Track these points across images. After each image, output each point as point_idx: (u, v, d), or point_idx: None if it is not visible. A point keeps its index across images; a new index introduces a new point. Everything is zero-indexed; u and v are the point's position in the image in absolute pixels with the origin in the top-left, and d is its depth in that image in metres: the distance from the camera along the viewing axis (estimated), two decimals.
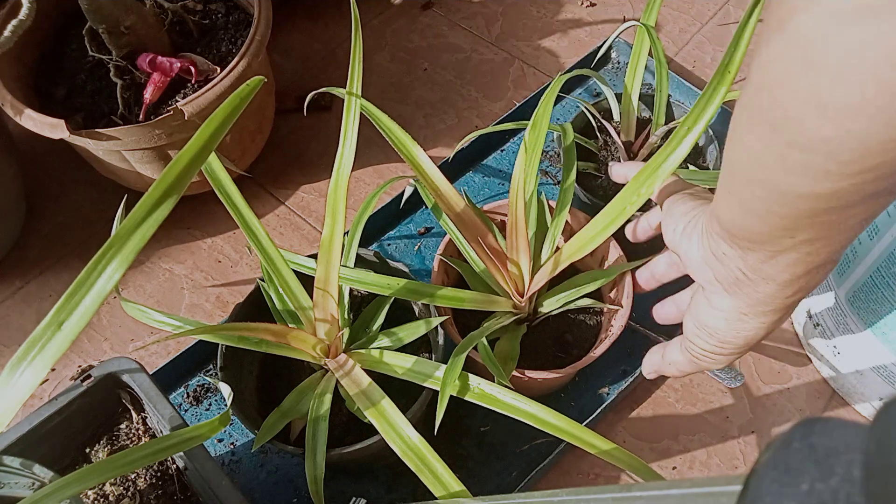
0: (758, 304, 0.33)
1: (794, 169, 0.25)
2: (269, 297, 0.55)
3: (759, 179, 0.28)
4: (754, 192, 0.28)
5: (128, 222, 0.31)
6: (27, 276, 0.76)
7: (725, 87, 0.39)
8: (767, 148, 0.26)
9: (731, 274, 0.33)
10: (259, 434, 0.49)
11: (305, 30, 0.96)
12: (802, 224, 0.28)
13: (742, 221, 0.30)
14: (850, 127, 0.22)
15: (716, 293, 0.35)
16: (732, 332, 0.35)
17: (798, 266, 0.30)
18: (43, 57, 0.73)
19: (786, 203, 0.27)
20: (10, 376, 0.30)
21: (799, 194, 0.26)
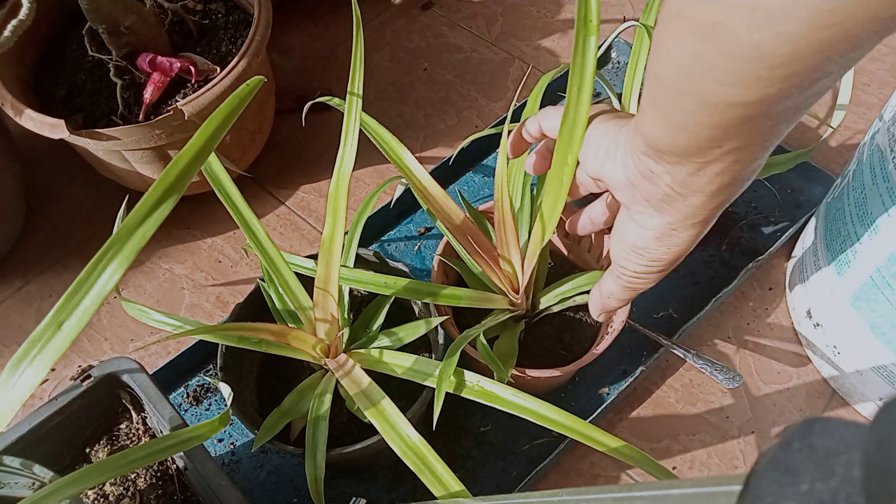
0: (687, 218, 0.34)
1: (724, 78, 0.26)
2: (269, 297, 0.55)
3: (688, 92, 0.28)
4: (683, 106, 0.28)
5: (128, 222, 0.31)
6: (27, 276, 0.76)
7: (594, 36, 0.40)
8: (697, 58, 0.26)
9: (660, 191, 0.33)
10: (259, 434, 0.49)
11: (305, 30, 0.96)
12: (730, 133, 0.28)
13: (671, 137, 0.30)
14: (780, 30, 0.23)
15: (644, 213, 0.35)
16: (663, 248, 0.36)
17: (725, 175, 0.31)
18: (43, 57, 0.73)
19: (715, 114, 0.27)
20: (10, 376, 0.30)
21: (728, 103, 0.26)
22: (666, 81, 0.29)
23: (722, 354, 0.67)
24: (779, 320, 0.69)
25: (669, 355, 0.66)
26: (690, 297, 0.69)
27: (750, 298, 0.70)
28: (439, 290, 0.51)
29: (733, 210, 0.75)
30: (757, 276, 0.71)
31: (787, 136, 0.86)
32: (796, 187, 0.76)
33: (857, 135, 0.81)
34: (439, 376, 0.45)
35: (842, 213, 0.57)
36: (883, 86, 0.85)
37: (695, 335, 0.68)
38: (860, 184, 0.54)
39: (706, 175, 0.31)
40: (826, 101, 0.84)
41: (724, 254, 0.72)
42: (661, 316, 0.69)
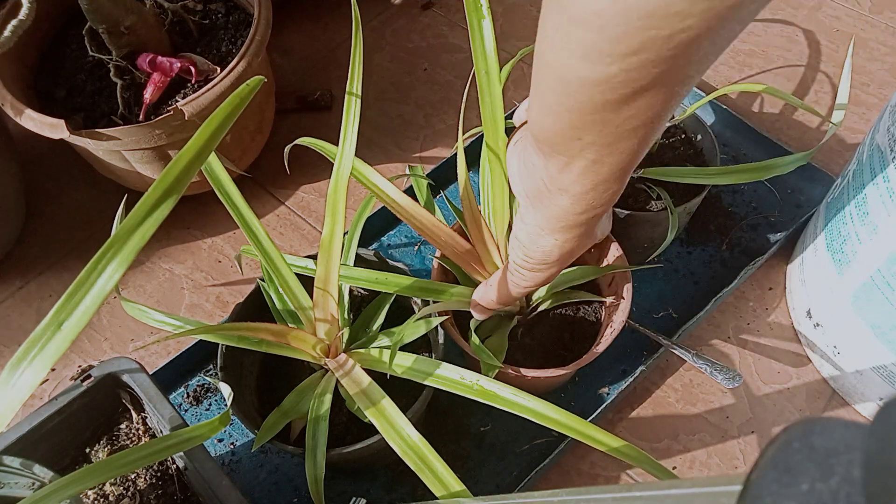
0: (553, 220, 0.36)
1: (574, 50, 0.27)
2: (269, 296, 0.55)
3: (549, 65, 0.29)
4: (547, 82, 0.30)
5: (128, 222, 0.31)
6: (27, 276, 0.76)
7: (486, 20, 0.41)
8: (556, 28, 0.28)
9: (536, 185, 0.35)
10: (259, 434, 0.49)
11: (305, 30, 0.96)
12: (586, 122, 0.30)
13: (541, 120, 0.32)
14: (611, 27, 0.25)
15: (525, 207, 0.38)
16: (533, 245, 0.38)
17: (586, 177, 0.33)
18: (43, 57, 0.73)
19: (570, 93, 0.29)
20: (10, 376, 0.30)
21: (580, 80, 0.28)
22: (539, 58, 0.31)
23: (722, 354, 0.67)
24: (779, 320, 0.69)
25: (669, 355, 0.66)
26: (690, 297, 0.70)
27: (750, 298, 0.70)
28: (432, 288, 0.51)
29: (733, 210, 0.75)
30: (757, 276, 0.71)
31: (787, 135, 0.86)
32: (796, 187, 0.76)
33: (857, 135, 0.81)
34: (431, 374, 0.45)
35: (842, 213, 0.57)
36: (883, 86, 0.85)
37: (695, 335, 0.68)
38: (860, 184, 0.54)
39: (571, 173, 0.33)
40: (826, 102, 0.84)
41: (724, 254, 0.72)
42: (661, 316, 0.69)
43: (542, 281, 0.42)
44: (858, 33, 0.90)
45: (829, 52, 0.89)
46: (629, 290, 0.55)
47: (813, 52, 0.89)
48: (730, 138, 0.80)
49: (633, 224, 0.63)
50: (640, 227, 0.64)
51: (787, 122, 0.82)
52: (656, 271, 0.71)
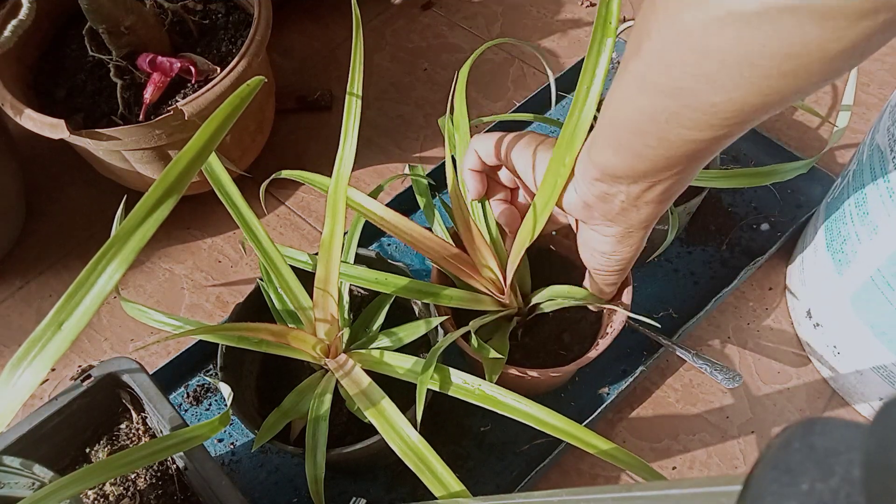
0: (641, 223, 0.40)
1: (684, 124, 0.32)
2: (269, 296, 0.55)
3: (650, 132, 0.33)
4: (645, 142, 0.34)
5: (128, 222, 0.31)
6: (27, 276, 0.76)
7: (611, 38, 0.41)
8: (662, 110, 0.32)
9: (616, 208, 0.39)
10: (259, 434, 0.49)
11: (305, 30, 0.96)
12: (683, 161, 0.35)
13: (629, 165, 0.36)
14: (731, 96, 0.29)
15: (601, 225, 0.42)
16: (625, 248, 0.43)
17: (671, 190, 0.38)
18: (43, 57, 0.73)
19: (672, 148, 0.33)
20: (10, 376, 0.30)
21: (685, 140, 0.33)
22: (628, 124, 0.34)
23: (722, 354, 0.67)
24: (779, 320, 0.69)
25: (669, 355, 0.66)
26: (690, 297, 0.69)
27: (750, 298, 0.70)
28: (431, 290, 0.51)
29: (733, 210, 0.75)
30: (757, 276, 0.71)
31: (787, 135, 0.86)
32: (796, 187, 0.76)
33: (857, 135, 0.81)
34: (421, 374, 0.45)
35: (842, 213, 0.57)
36: (883, 86, 0.85)
37: (695, 335, 0.68)
38: (860, 184, 0.54)
39: (656, 191, 0.37)
40: (826, 102, 0.84)
41: (724, 254, 0.72)
42: (661, 316, 0.69)
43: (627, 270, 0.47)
44: None
45: None
46: (629, 294, 0.55)
47: None
48: None
49: None
50: None
51: (787, 122, 0.82)
52: (656, 271, 0.71)
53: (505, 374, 0.52)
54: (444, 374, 0.47)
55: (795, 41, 0.26)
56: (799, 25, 0.25)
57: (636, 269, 0.70)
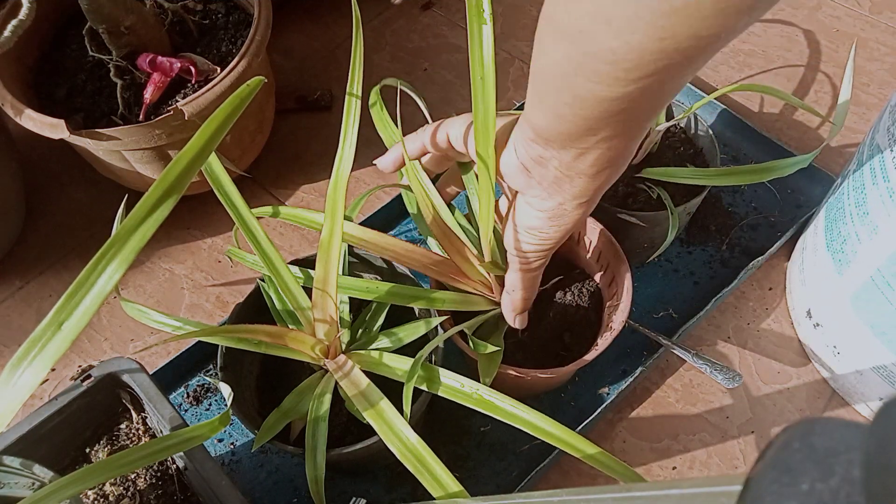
0: (575, 198, 0.39)
1: (590, 76, 0.30)
2: (269, 297, 0.55)
3: (564, 87, 0.32)
4: (562, 99, 0.33)
5: (128, 222, 0.31)
6: (27, 276, 0.76)
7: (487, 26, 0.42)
8: (568, 59, 0.31)
9: (551, 174, 0.38)
10: (259, 434, 0.49)
11: (305, 30, 0.96)
12: (602, 124, 0.33)
13: (554, 125, 0.35)
14: (627, 39, 0.28)
15: (538, 196, 0.40)
16: (554, 227, 0.41)
17: (602, 160, 0.36)
18: (43, 57, 0.73)
19: (587, 107, 0.32)
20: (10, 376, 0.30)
21: (597, 98, 0.31)
22: (547, 77, 0.33)
23: (722, 354, 0.67)
24: (779, 320, 0.69)
25: (669, 355, 0.66)
26: (690, 297, 0.70)
27: (750, 298, 0.70)
28: (421, 294, 0.51)
29: (733, 210, 0.75)
30: (757, 276, 0.71)
31: (787, 135, 0.86)
32: (796, 187, 0.76)
33: (857, 135, 0.81)
34: (408, 377, 0.45)
35: (842, 213, 0.57)
36: (883, 86, 0.85)
37: (695, 335, 0.68)
38: (860, 184, 0.54)
39: (587, 159, 0.36)
40: (826, 102, 0.84)
41: (724, 254, 0.72)
42: (661, 316, 0.69)
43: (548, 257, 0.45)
44: (858, 33, 0.90)
45: (829, 52, 0.89)
46: (629, 292, 0.55)
47: (813, 52, 0.89)
48: (730, 138, 0.80)
49: (633, 224, 0.63)
50: (640, 227, 0.64)
51: (787, 122, 0.83)
52: (656, 271, 0.71)
53: (504, 374, 0.52)
54: (432, 374, 0.47)
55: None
56: None
57: (636, 269, 0.70)
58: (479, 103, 0.42)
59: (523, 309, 0.51)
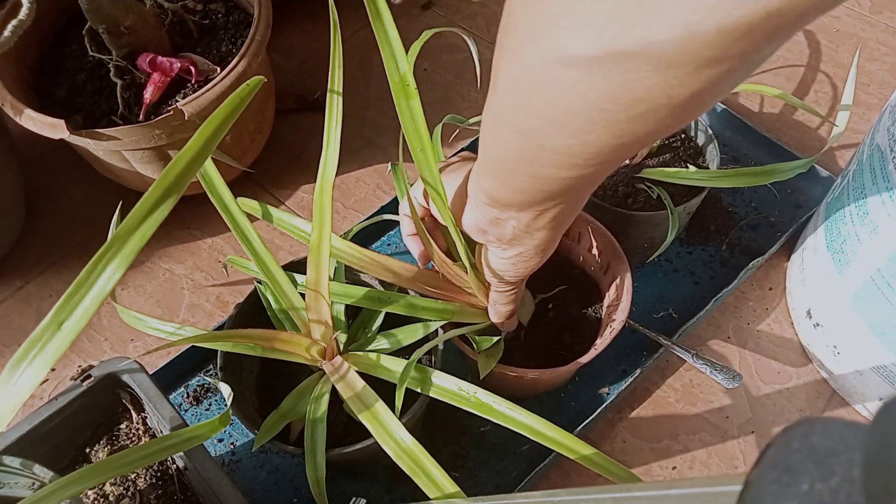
0: (536, 248, 0.40)
1: (546, 164, 0.31)
2: (266, 298, 0.55)
3: (521, 170, 0.33)
4: (519, 178, 0.33)
5: (128, 222, 0.31)
6: (27, 276, 0.76)
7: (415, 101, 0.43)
8: (522, 150, 0.31)
9: (508, 233, 0.38)
10: (259, 435, 0.49)
11: (305, 30, 0.96)
12: (559, 194, 0.34)
13: (511, 197, 0.36)
14: (585, 138, 0.28)
15: (498, 248, 0.41)
16: (519, 269, 0.43)
17: (560, 217, 0.37)
18: (43, 57, 0.73)
19: (546, 184, 0.33)
20: (10, 376, 0.30)
21: (555, 178, 0.32)
22: (498, 160, 0.34)
23: (722, 354, 0.67)
24: (779, 320, 0.69)
25: (669, 355, 0.66)
26: (690, 297, 0.70)
27: (750, 298, 0.70)
28: (423, 304, 0.51)
29: (733, 210, 0.75)
30: (757, 276, 0.71)
31: (787, 135, 0.86)
32: (796, 187, 0.76)
33: (857, 135, 0.81)
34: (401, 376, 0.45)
35: (842, 213, 0.57)
36: (883, 86, 0.85)
37: (695, 335, 0.68)
38: (860, 184, 0.54)
39: (545, 218, 0.36)
40: (826, 102, 0.84)
41: (724, 254, 0.72)
42: (661, 316, 0.69)
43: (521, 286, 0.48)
44: (858, 33, 0.90)
45: (829, 52, 0.89)
46: (629, 292, 0.55)
47: (813, 52, 0.89)
48: (730, 138, 0.80)
49: (633, 224, 0.63)
50: (640, 227, 0.64)
51: (787, 122, 0.82)
52: (656, 271, 0.71)
53: (504, 374, 0.52)
54: (426, 376, 0.47)
55: (638, 87, 0.25)
56: (639, 72, 0.24)
57: (636, 269, 0.70)
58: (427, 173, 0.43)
59: (508, 317, 0.51)
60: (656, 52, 0.23)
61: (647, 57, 0.23)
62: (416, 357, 0.46)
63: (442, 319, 0.51)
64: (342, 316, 0.55)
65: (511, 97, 0.30)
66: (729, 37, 0.22)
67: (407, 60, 0.44)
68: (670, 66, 0.23)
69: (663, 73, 0.24)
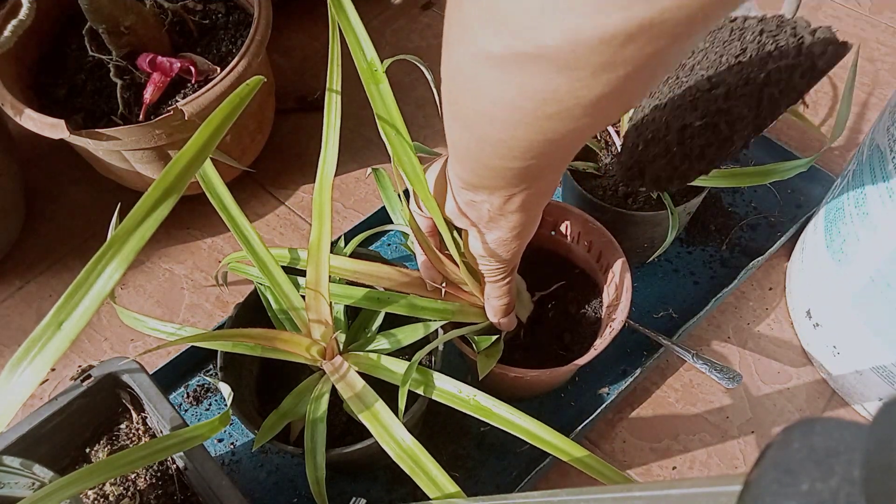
0: (513, 230, 0.41)
1: (492, 155, 0.32)
2: (266, 298, 0.55)
3: (475, 158, 0.34)
4: (476, 163, 0.35)
5: (127, 222, 0.31)
6: (27, 276, 0.76)
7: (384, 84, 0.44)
8: (469, 138, 0.33)
9: (485, 215, 0.40)
10: (259, 435, 0.49)
11: (305, 30, 0.96)
12: (518, 180, 0.35)
13: (477, 180, 0.37)
14: (513, 133, 0.30)
15: (480, 232, 0.42)
16: (503, 253, 0.43)
17: (530, 201, 0.38)
18: (43, 57, 0.73)
19: (500, 170, 0.34)
20: (10, 376, 0.30)
21: (507, 168, 0.33)
22: (457, 148, 0.36)
23: (722, 354, 0.67)
24: (779, 320, 0.69)
25: (669, 355, 0.66)
26: (690, 297, 0.70)
27: (750, 298, 0.70)
28: (423, 304, 0.51)
29: (733, 210, 0.75)
30: (757, 276, 0.71)
31: (787, 135, 0.86)
32: (796, 187, 0.76)
33: (857, 135, 0.81)
34: (403, 377, 0.45)
35: (842, 213, 0.57)
36: (883, 86, 0.85)
37: (695, 335, 0.68)
38: (860, 184, 0.54)
39: (515, 202, 0.37)
40: (826, 102, 0.84)
41: (724, 254, 0.72)
42: (661, 316, 0.69)
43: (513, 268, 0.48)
44: (858, 33, 0.90)
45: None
46: (628, 291, 0.55)
47: None
48: None
49: (633, 224, 0.63)
50: (640, 227, 0.64)
51: (787, 121, 0.82)
52: (656, 271, 0.71)
53: (504, 374, 0.52)
54: (427, 378, 0.47)
55: (546, 88, 0.26)
56: (544, 73, 0.25)
57: (636, 269, 0.70)
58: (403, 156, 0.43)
59: (505, 313, 0.51)
60: (552, 56, 0.24)
61: (546, 59, 0.25)
62: (417, 358, 0.46)
63: (442, 319, 0.51)
64: (342, 316, 0.55)
65: (449, 90, 0.32)
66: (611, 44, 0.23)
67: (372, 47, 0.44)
68: (569, 69, 0.25)
69: (565, 75, 0.25)
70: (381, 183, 0.62)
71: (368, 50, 0.45)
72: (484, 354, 0.51)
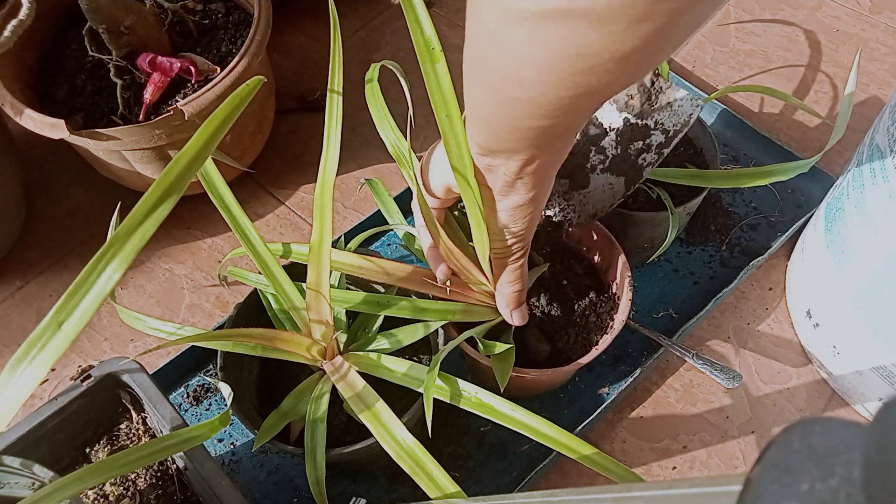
0: (527, 193, 0.41)
1: (517, 115, 0.33)
2: (266, 298, 0.55)
3: (497, 119, 0.35)
4: (497, 126, 0.35)
5: (128, 222, 0.31)
6: (27, 276, 0.76)
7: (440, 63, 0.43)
8: (493, 100, 0.33)
9: (501, 180, 0.40)
10: (259, 435, 0.49)
11: (305, 30, 0.96)
12: (538, 142, 0.35)
13: (495, 143, 0.37)
14: (543, 91, 0.30)
15: (497, 199, 0.42)
16: (519, 222, 0.43)
17: (545, 165, 0.38)
18: (43, 57, 0.73)
19: (523, 131, 0.34)
20: (10, 376, 0.30)
21: (529, 127, 0.34)
22: (481, 110, 0.36)
23: (722, 354, 0.67)
24: (779, 320, 0.69)
25: (669, 355, 0.66)
26: (690, 297, 0.70)
27: (750, 298, 0.70)
28: (425, 306, 0.50)
29: (733, 210, 0.75)
30: (757, 276, 0.71)
31: (787, 135, 0.86)
32: (796, 187, 0.76)
33: (858, 135, 0.81)
34: (426, 385, 0.45)
35: (842, 213, 0.57)
36: (883, 86, 0.85)
37: (695, 335, 0.68)
38: (860, 184, 0.54)
39: (533, 166, 0.38)
40: (826, 102, 0.84)
41: (724, 254, 0.72)
42: (661, 316, 0.69)
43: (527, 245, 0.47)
44: (858, 33, 0.90)
45: (829, 52, 0.89)
46: (630, 291, 0.55)
47: (813, 52, 0.89)
48: (730, 138, 0.80)
49: (633, 224, 0.63)
50: (640, 227, 0.64)
51: (787, 122, 0.82)
52: (656, 271, 0.71)
53: None
54: (454, 386, 0.46)
55: (579, 42, 0.26)
56: (577, 28, 0.26)
57: (636, 269, 0.70)
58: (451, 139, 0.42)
59: (518, 303, 0.51)
60: (586, 10, 0.25)
61: (580, 13, 0.25)
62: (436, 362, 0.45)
63: (444, 320, 0.51)
64: (343, 316, 0.55)
65: (474, 52, 0.32)
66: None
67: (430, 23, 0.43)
68: (603, 23, 0.25)
69: (599, 29, 0.26)
70: (375, 190, 0.62)
71: (426, 26, 0.44)
72: (497, 359, 0.51)
